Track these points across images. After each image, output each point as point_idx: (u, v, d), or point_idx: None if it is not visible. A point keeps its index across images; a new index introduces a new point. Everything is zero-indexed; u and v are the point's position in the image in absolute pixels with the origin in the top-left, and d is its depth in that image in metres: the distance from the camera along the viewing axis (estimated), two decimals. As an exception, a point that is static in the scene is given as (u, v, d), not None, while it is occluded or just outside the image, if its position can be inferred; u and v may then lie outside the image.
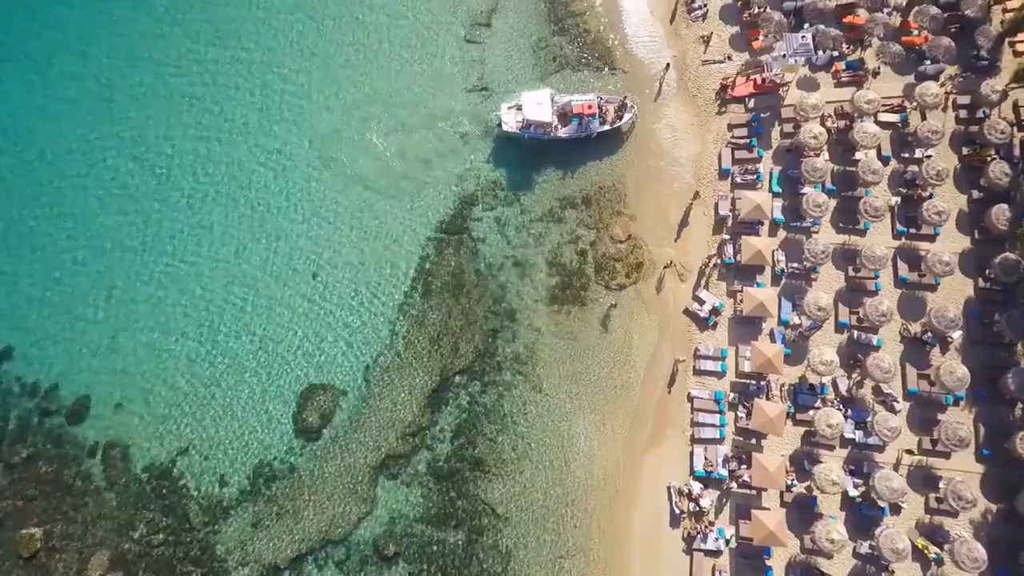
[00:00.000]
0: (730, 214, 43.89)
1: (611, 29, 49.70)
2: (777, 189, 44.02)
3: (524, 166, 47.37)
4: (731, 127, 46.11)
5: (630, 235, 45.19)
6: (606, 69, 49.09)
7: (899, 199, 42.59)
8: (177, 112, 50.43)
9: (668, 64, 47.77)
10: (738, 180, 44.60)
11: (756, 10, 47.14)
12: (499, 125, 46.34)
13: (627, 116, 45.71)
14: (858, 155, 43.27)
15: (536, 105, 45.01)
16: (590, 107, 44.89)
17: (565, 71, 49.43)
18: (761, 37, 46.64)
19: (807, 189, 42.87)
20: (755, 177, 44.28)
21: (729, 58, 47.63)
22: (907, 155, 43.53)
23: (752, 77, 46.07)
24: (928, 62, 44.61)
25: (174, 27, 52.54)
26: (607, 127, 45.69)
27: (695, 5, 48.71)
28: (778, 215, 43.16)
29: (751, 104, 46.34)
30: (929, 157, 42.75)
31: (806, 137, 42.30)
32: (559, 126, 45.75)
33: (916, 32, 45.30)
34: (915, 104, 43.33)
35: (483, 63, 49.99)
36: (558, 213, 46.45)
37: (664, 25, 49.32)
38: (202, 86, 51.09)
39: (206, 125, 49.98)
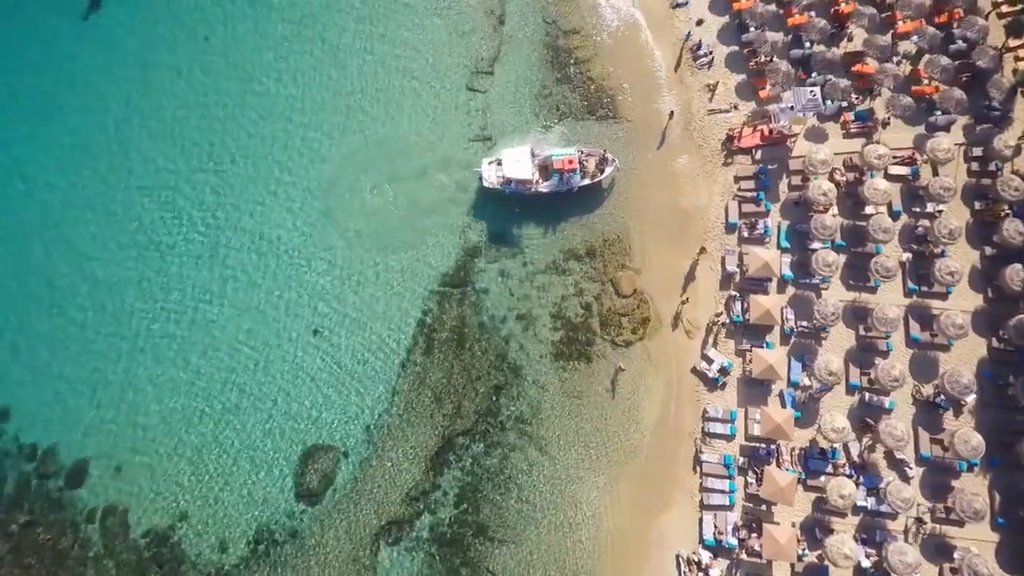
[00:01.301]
0: (737, 270, 43.14)
1: (614, 77, 48.99)
2: (785, 244, 43.25)
3: (527, 217, 46.67)
4: (738, 179, 45.36)
5: (635, 289, 44.47)
6: (610, 118, 48.40)
7: (910, 255, 41.77)
8: (171, 161, 49.97)
9: (672, 112, 47.06)
10: (745, 234, 43.84)
11: (763, 58, 46.46)
12: (480, 180, 45.73)
13: (608, 170, 45.08)
14: (868, 209, 42.54)
15: (515, 162, 44.61)
16: (570, 162, 44.31)
17: (568, 120, 48.78)
18: (768, 87, 45.93)
19: (816, 245, 42.13)
20: (763, 231, 43.52)
21: (735, 107, 46.92)
22: (918, 209, 42.72)
23: (759, 128, 45.35)
24: (939, 112, 43.84)
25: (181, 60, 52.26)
26: (588, 181, 45.03)
27: (700, 52, 48.00)
28: (787, 272, 42.39)
29: (758, 155, 45.61)
30: (941, 212, 42.02)
31: (815, 194, 41.54)
32: (540, 180, 45.19)
33: (926, 81, 44.54)
34: (926, 157, 42.54)
35: (485, 112, 49.36)
36: (562, 265, 45.77)
37: (669, 73, 48.59)
38: (197, 122, 50.82)
39: (202, 172, 49.44)
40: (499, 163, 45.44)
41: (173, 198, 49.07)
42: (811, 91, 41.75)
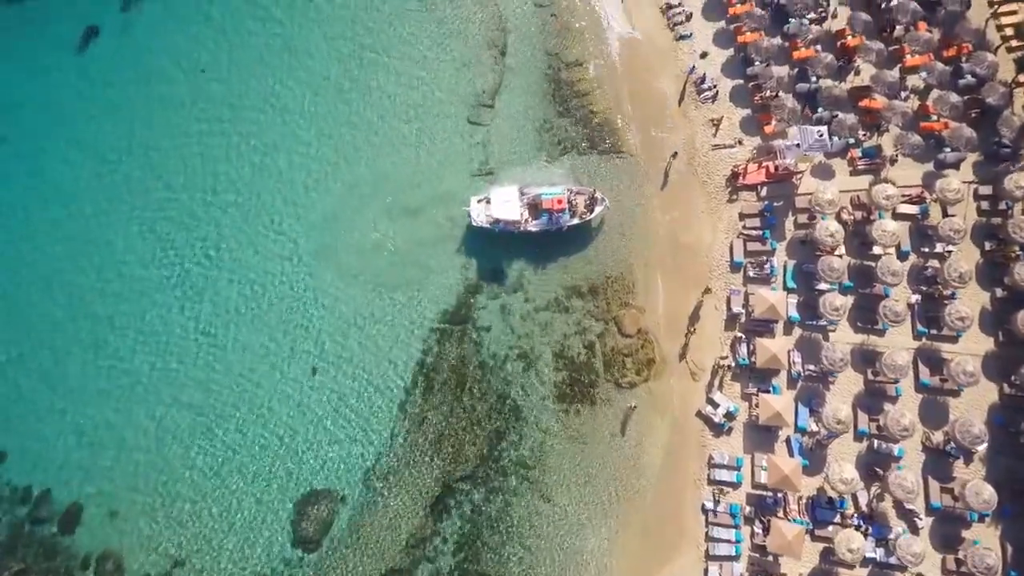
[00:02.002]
0: (743, 310, 42.36)
1: (617, 111, 48.30)
2: (792, 285, 42.49)
3: (528, 252, 45.92)
4: (743, 216, 44.61)
5: (639, 329, 43.70)
6: (613, 152, 47.69)
7: (919, 297, 40.99)
8: (172, 192, 49.36)
9: (675, 153, 46.30)
10: (751, 274, 43.08)
11: (768, 93, 45.73)
12: (469, 219, 45.04)
13: (598, 209, 44.34)
14: (876, 249, 41.76)
15: (504, 203, 43.96)
16: (559, 202, 43.63)
17: (570, 154, 48.05)
18: (774, 122, 45.21)
19: (823, 286, 41.37)
20: (768, 271, 42.75)
21: (740, 142, 46.18)
22: (927, 249, 41.92)
23: (764, 164, 44.61)
24: (948, 150, 43.07)
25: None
26: (577, 221, 44.32)
27: (704, 86, 47.28)
28: (793, 313, 41.59)
29: (763, 192, 44.87)
30: (950, 253, 41.25)
31: (822, 235, 40.77)
32: (530, 219, 44.47)
33: (935, 118, 43.78)
34: (935, 196, 41.76)
35: (487, 145, 48.65)
36: (564, 302, 45.02)
37: (672, 107, 47.87)
38: (196, 154, 50.07)
39: (202, 205, 48.80)
40: (488, 201, 44.73)
41: (172, 233, 48.28)
42: (818, 131, 41.01)
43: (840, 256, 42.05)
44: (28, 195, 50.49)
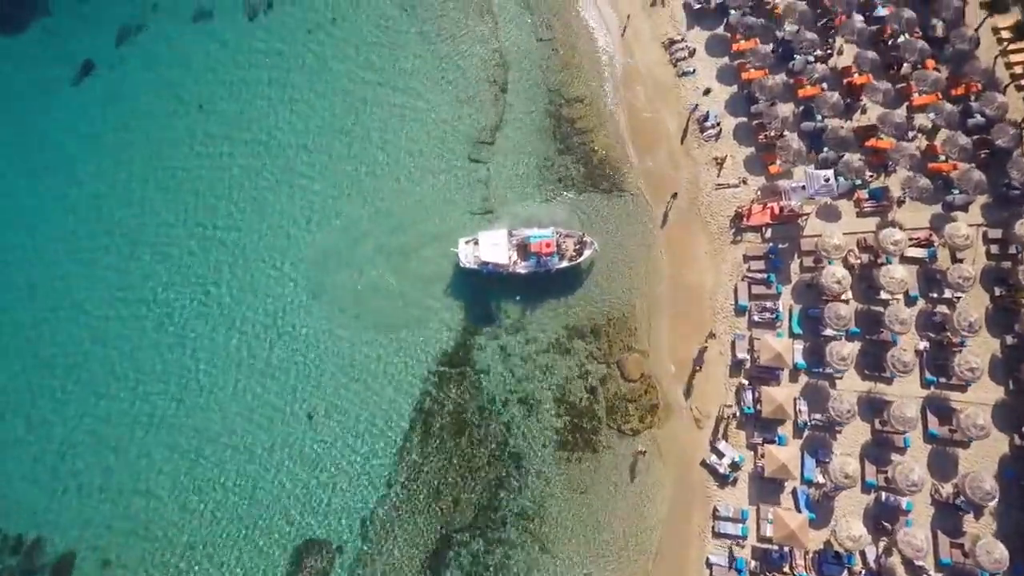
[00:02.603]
0: (748, 356, 41.55)
1: (618, 148, 47.56)
2: (798, 331, 41.68)
3: (528, 292, 45.13)
4: (747, 258, 43.81)
5: (643, 374, 42.88)
6: (614, 191, 46.96)
7: (928, 344, 40.17)
8: (168, 227, 48.66)
9: (676, 193, 45.57)
10: (756, 319, 42.29)
11: (772, 132, 44.95)
12: (457, 260, 44.37)
13: (587, 252, 43.73)
14: (884, 294, 40.94)
15: (492, 246, 43.44)
16: (548, 246, 43.11)
17: (571, 192, 47.34)
18: (779, 162, 44.43)
19: (829, 332, 40.55)
20: (774, 316, 41.94)
21: (744, 182, 45.40)
22: (936, 294, 41.11)
23: (769, 205, 43.84)
24: (956, 191, 42.29)
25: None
26: (566, 264, 43.69)
27: (707, 124, 46.54)
28: (799, 360, 40.79)
29: (768, 234, 44.11)
30: (959, 298, 40.45)
31: (828, 281, 39.96)
32: (519, 261, 43.88)
33: (943, 158, 43.01)
34: (943, 240, 40.97)
35: (487, 183, 47.93)
36: (565, 344, 44.26)
37: (675, 144, 47.13)
38: (189, 196, 49.41)
39: (200, 240, 48.09)
40: (476, 243, 44.14)
41: (167, 272, 47.64)
42: (825, 176, 40.23)
43: (847, 302, 41.27)
44: (21, 230, 49.86)
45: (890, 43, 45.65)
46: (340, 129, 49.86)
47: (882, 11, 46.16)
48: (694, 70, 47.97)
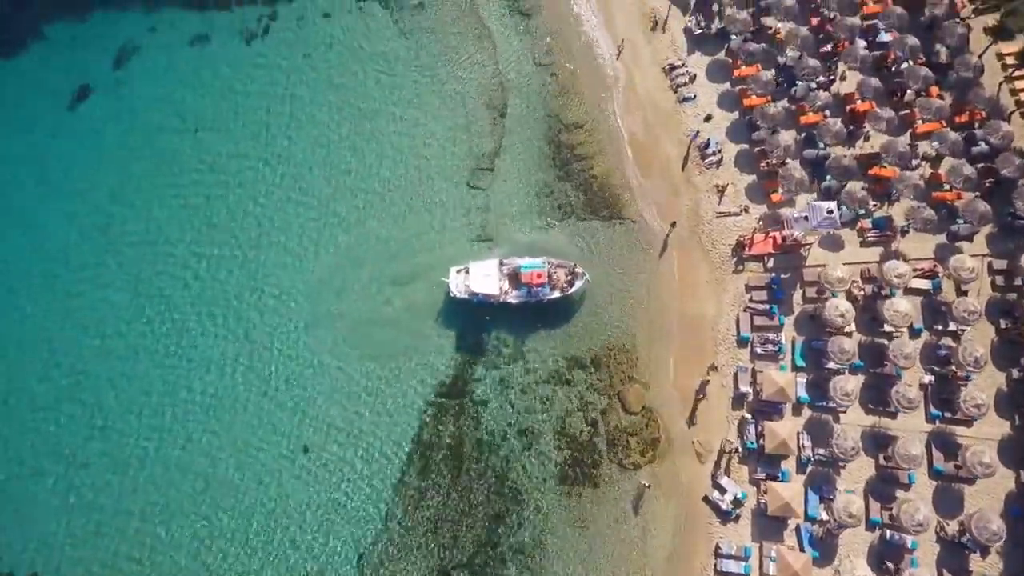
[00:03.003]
0: (750, 389, 41.00)
1: (618, 175, 47.04)
2: (800, 363, 41.12)
3: (527, 321, 44.67)
4: (749, 288, 43.25)
5: (644, 406, 42.34)
6: (614, 218, 46.42)
7: (933, 379, 39.61)
8: (162, 257, 48.16)
9: (675, 223, 45.07)
10: (758, 350, 41.73)
11: (774, 160, 44.42)
12: (447, 290, 43.93)
13: (578, 284, 43.32)
14: (888, 326, 40.39)
15: (483, 277, 43.18)
16: (539, 276, 42.79)
17: (571, 219, 46.83)
18: (781, 191, 43.90)
19: (833, 365, 40.00)
20: (776, 348, 41.39)
21: (746, 210, 44.88)
22: (940, 327, 40.56)
23: (771, 235, 43.32)
24: (961, 221, 41.76)
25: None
26: (557, 294, 43.29)
27: (708, 151, 46.03)
28: (803, 394, 40.22)
29: (770, 263, 43.57)
30: (964, 331, 39.90)
31: (832, 315, 39.42)
32: (510, 291, 43.49)
33: (947, 187, 42.49)
34: (948, 273, 40.43)
35: (486, 210, 47.45)
36: (566, 375, 43.75)
37: (676, 171, 46.60)
38: (187, 221, 48.89)
39: (192, 274, 47.61)
40: (467, 272, 43.78)
41: (165, 301, 47.11)
42: (828, 208, 39.67)
43: (850, 334, 40.74)
44: (19, 254, 49.37)
45: (893, 69, 45.19)
46: (337, 156, 49.35)
47: (885, 36, 45.69)
48: (695, 96, 47.44)
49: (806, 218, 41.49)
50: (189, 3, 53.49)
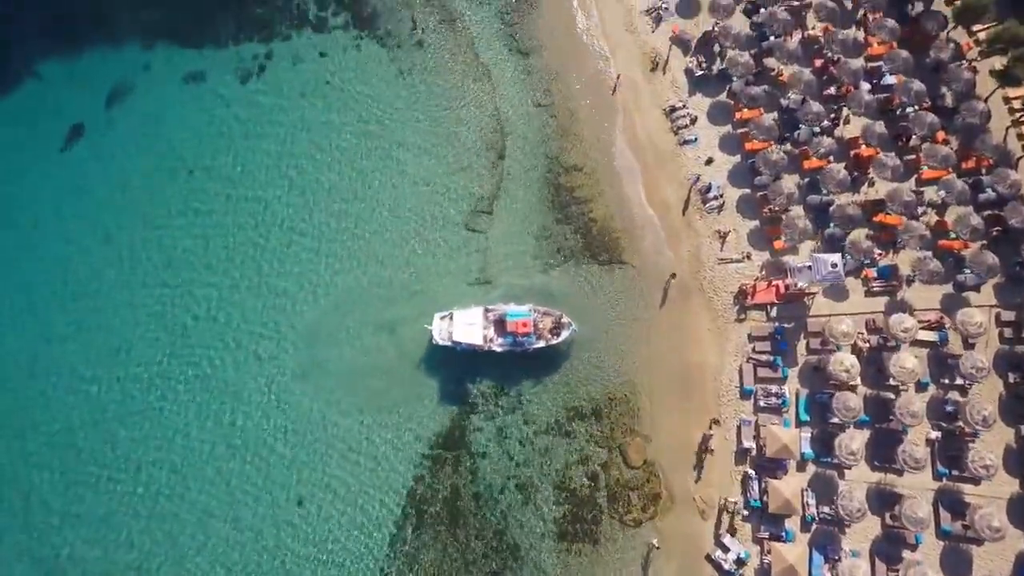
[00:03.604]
0: (754, 444, 40.15)
1: (618, 219, 46.23)
2: (805, 417, 40.31)
3: (526, 369, 43.87)
4: (752, 338, 42.44)
5: (645, 460, 41.53)
6: (614, 263, 45.64)
7: (940, 434, 38.76)
8: (154, 301, 47.40)
9: (674, 274, 44.26)
10: (761, 403, 40.90)
11: (776, 207, 43.60)
12: (431, 337, 42.95)
13: (564, 334, 42.42)
14: (893, 380, 39.57)
15: (467, 325, 42.29)
16: (524, 325, 41.88)
17: (569, 263, 46.04)
18: (783, 238, 43.09)
19: (837, 419, 39.12)
20: (780, 401, 40.57)
21: (748, 256, 44.06)
22: (947, 380, 39.73)
23: (774, 283, 42.52)
24: (968, 271, 40.94)
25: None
26: (543, 344, 42.42)
27: (710, 195, 45.26)
28: (807, 449, 39.38)
29: (773, 312, 42.77)
30: (971, 386, 39.06)
31: (837, 370, 38.59)
32: (495, 338, 42.63)
33: (954, 235, 41.69)
34: (954, 326, 39.60)
35: (484, 253, 46.67)
36: (565, 426, 42.94)
37: (676, 216, 45.82)
38: (179, 263, 48.18)
39: (181, 320, 46.90)
40: (451, 318, 42.86)
41: (153, 348, 46.37)
42: (832, 262, 38.82)
43: (855, 387, 39.91)
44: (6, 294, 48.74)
45: (898, 112, 44.45)
46: (333, 198, 48.50)
47: (890, 79, 44.95)
48: (696, 138, 46.67)
49: (809, 268, 40.64)
50: (184, 40, 52.70)
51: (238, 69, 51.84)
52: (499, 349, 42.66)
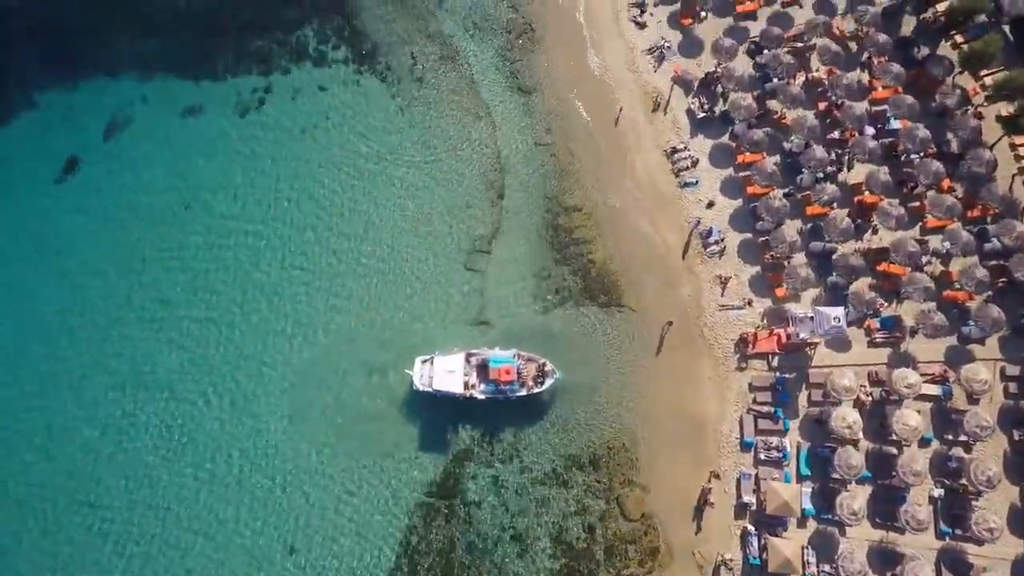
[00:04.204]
0: (754, 499, 39.43)
1: (617, 262, 45.62)
2: (806, 472, 39.58)
3: (523, 415, 43.18)
4: (753, 388, 41.79)
5: (643, 513, 40.77)
6: (613, 306, 45.01)
7: (943, 492, 38.03)
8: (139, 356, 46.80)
9: (671, 322, 43.62)
10: (762, 456, 40.20)
11: (778, 253, 42.99)
12: (411, 382, 42.13)
13: (548, 382, 41.61)
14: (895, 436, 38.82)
15: (447, 373, 41.41)
16: (507, 372, 41.06)
17: (568, 305, 45.43)
18: (785, 286, 42.46)
19: (838, 475, 38.39)
20: (781, 455, 39.87)
21: (749, 303, 43.44)
22: (951, 436, 39.03)
23: (776, 332, 41.88)
24: (972, 324, 40.27)
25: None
26: (525, 392, 41.61)
27: (710, 240, 44.67)
28: (808, 506, 38.60)
29: (774, 362, 42.12)
30: (975, 443, 38.36)
31: (839, 426, 37.92)
32: (477, 384, 41.78)
33: (958, 285, 41.04)
34: (958, 380, 38.93)
35: (482, 293, 46.06)
36: (563, 475, 42.22)
37: (676, 259, 45.21)
38: (172, 299, 47.57)
39: (173, 360, 46.21)
40: (432, 363, 42.10)
41: (140, 390, 45.72)
42: (835, 316, 38.22)
43: (857, 441, 39.20)
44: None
45: (903, 158, 43.89)
46: (330, 235, 47.92)
47: (895, 124, 44.40)
48: (696, 181, 46.12)
49: (811, 318, 40.08)
50: (183, 72, 52.32)
51: (237, 103, 51.41)
52: (481, 396, 41.80)
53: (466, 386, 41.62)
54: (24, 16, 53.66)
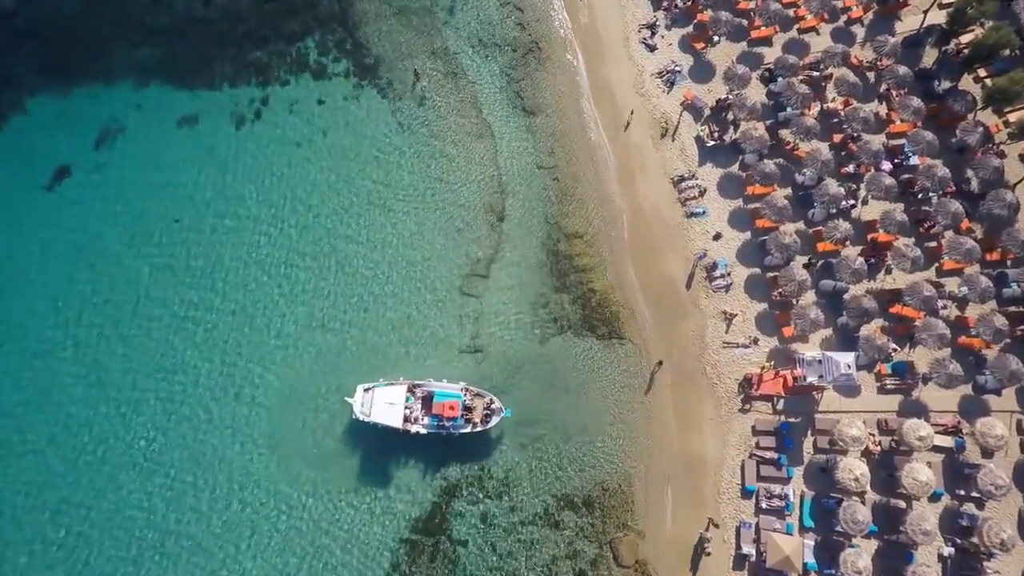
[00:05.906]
0: (754, 550, 37.61)
1: (618, 292, 44.03)
2: (809, 523, 37.76)
3: (517, 449, 41.58)
4: (756, 432, 40.00)
5: (637, 560, 39.02)
6: (613, 337, 43.39)
7: (953, 551, 36.16)
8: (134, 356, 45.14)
9: (660, 361, 42.16)
10: (764, 505, 38.40)
11: (787, 291, 41.20)
12: (351, 411, 40.33)
13: (495, 420, 39.87)
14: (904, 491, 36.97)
15: (387, 405, 39.67)
16: (452, 408, 39.17)
17: (566, 334, 43.81)
18: (793, 325, 40.69)
19: (842, 529, 36.53)
20: (784, 504, 38.07)
21: (755, 342, 41.72)
22: (963, 491, 37.16)
23: (782, 374, 40.10)
24: (988, 373, 38.44)
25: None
26: (469, 429, 39.91)
27: (716, 274, 42.97)
28: (810, 559, 36.78)
29: (779, 405, 40.34)
30: (988, 501, 36.48)
31: (845, 478, 36.11)
32: (420, 417, 40.07)
33: (975, 333, 39.20)
34: (972, 432, 37.10)
35: (478, 319, 44.43)
36: (554, 515, 40.50)
37: (681, 292, 43.52)
38: (159, 315, 45.96)
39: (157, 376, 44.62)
40: (374, 392, 40.44)
41: (119, 410, 44.08)
42: (846, 363, 36.51)
43: (864, 493, 37.37)
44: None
45: (920, 196, 42.14)
46: (324, 254, 46.34)
47: (913, 160, 42.66)
48: (704, 211, 44.44)
49: (820, 362, 38.36)
50: (179, 81, 50.80)
51: (233, 114, 49.88)
52: (422, 431, 40.02)
53: (407, 419, 39.78)
54: (17, 19, 52.28)
